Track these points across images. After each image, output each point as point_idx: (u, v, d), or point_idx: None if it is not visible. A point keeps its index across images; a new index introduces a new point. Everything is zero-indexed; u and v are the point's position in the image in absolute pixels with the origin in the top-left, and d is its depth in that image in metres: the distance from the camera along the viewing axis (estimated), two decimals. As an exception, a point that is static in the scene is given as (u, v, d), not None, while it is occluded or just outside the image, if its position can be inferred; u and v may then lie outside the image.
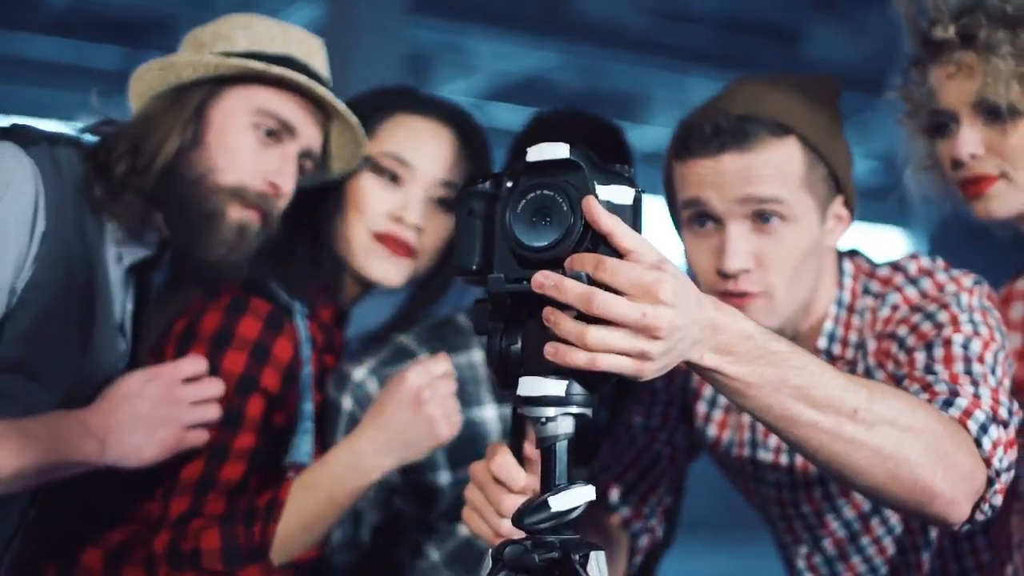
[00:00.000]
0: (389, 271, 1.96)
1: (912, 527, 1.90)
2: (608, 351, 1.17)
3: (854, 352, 1.83)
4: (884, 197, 2.49)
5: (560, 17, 6.59)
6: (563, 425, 1.25)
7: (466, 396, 1.96)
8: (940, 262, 1.83)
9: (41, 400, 1.65)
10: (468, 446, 1.93)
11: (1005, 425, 1.52)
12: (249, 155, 1.78)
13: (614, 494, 1.90)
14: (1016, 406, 1.61)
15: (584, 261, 1.18)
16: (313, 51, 1.87)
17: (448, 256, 2.05)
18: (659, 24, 6.92)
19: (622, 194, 1.24)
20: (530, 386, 1.24)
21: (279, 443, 1.82)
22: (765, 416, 1.32)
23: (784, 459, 1.90)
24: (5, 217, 1.59)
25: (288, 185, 1.80)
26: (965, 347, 1.67)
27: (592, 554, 1.25)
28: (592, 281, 1.18)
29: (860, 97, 7.36)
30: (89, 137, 1.78)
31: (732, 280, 1.68)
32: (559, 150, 1.23)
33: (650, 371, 1.19)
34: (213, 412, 1.72)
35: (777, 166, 1.70)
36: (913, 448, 1.38)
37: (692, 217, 1.70)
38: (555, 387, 1.23)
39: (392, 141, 1.96)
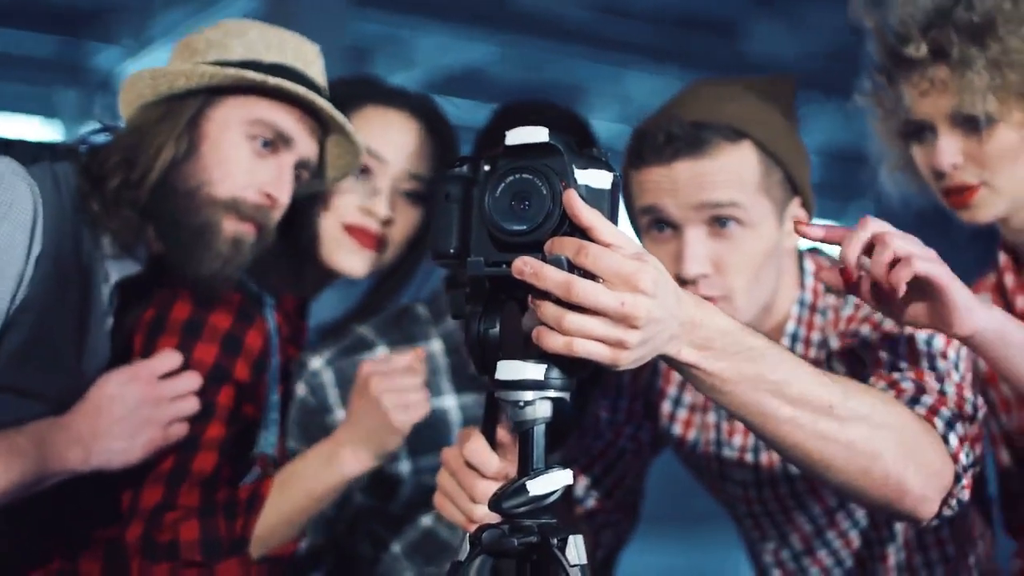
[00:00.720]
0: (356, 263, 1.96)
1: (877, 521, 1.91)
2: (585, 337, 1.17)
3: (817, 351, 1.84)
4: (824, 192, 2.52)
5: (500, 10, 6.59)
6: (540, 409, 1.25)
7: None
8: None
9: (33, 414, 1.62)
10: (428, 435, 1.92)
11: (970, 421, 1.54)
12: (244, 167, 1.74)
13: (579, 486, 1.90)
14: (981, 400, 1.64)
15: (565, 245, 1.18)
16: (310, 59, 1.84)
17: (413, 247, 2.07)
18: (598, 18, 6.94)
19: (600, 178, 1.24)
20: (508, 370, 1.23)
21: (249, 434, 1.81)
22: (741, 412, 1.32)
23: (749, 457, 1.91)
24: (4, 240, 1.56)
25: (285, 197, 1.77)
26: (928, 344, 1.67)
27: (571, 538, 1.25)
28: (572, 266, 1.18)
29: (798, 92, 7.40)
30: (84, 147, 1.74)
31: (691, 285, 1.67)
32: (538, 134, 1.22)
33: (626, 360, 1.19)
34: (193, 405, 1.70)
35: (732, 171, 1.70)
36: (886, 444, 1.39)
37: (650, 224, 1.70)
38: (533, 371, 1.22)
39: (362, 133, 1.93)
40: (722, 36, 7.20)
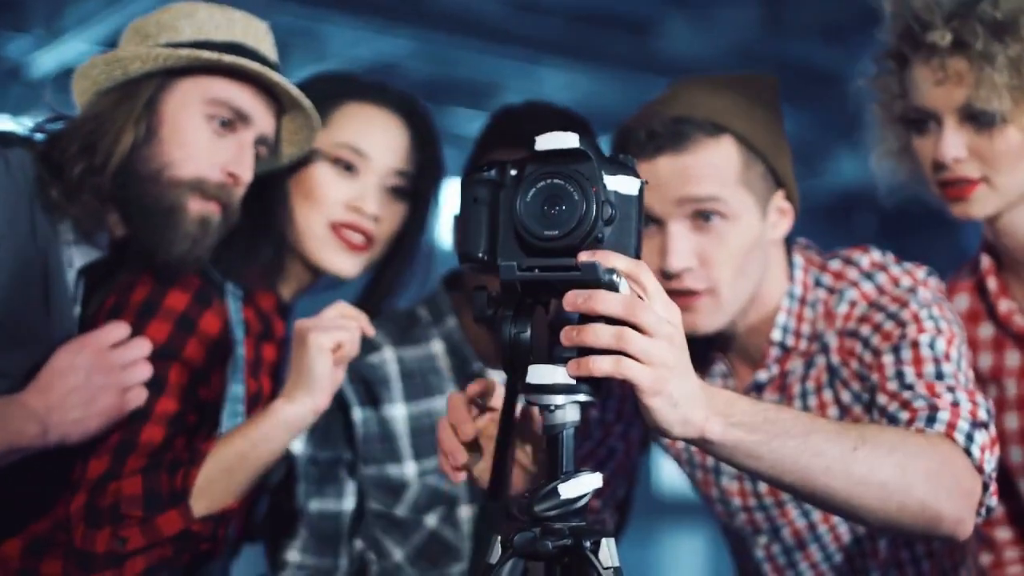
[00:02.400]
0: (345, 262, 1.98)
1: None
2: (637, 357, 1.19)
3: (807, 344, 1.86)
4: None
5: (413, 4, 6.57)
6: (571, 413, 1.26)
7: (427, 386, 2.02)
8: (890, 255, 1.88)
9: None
10: (431, 437, 1.98)
11: (986, 426, 1.56)
12: (205, 146, 1.76)
13: None
14: (990, 401, 1.66)
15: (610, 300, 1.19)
16: (260, 36, 1.84)
17: (400, 244, 2.09)
18: (511, 14, 6.96)
19: (629, 184, 1.26)
20: (540, 374, 1.25)
21: (204, 420, 1.80)
22: (779, 475, 1.32)
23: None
24: None
25: (247, 174, 1.78)
26: (931, 346, 1.69)
27: (603, 541, 1.26)
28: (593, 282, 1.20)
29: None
30: (40, 135, 1.75)
31: (676, 279, 1.71)
32: (569, 139, 1.24)
33: (664, 389, 1.21)
34: (146, 371, 1.69)
35: (713, 165, 1.73)
36: (916, 477, 1.40)
37: None
38: (564, 375, 1.23)
39: (346, 130, 1.96)
40: (635, 34, 7.25)
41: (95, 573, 1.63)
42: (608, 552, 1.27)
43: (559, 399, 1.25)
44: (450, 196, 2.16)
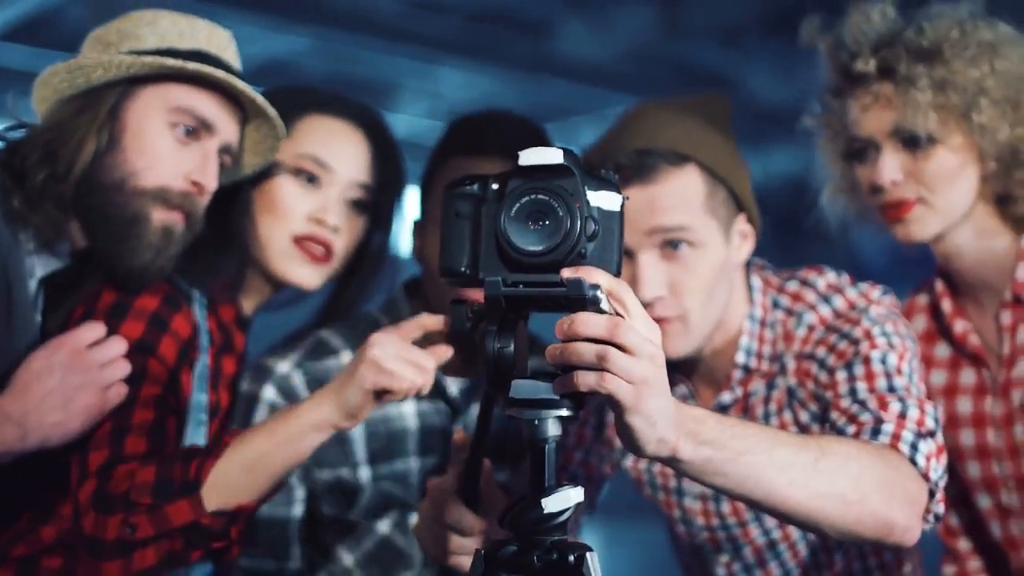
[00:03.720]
0: (307, 274, 1.97)
1: (829, 547, 1.99)
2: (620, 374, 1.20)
3: (769, 364, 1.90)
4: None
5: (310, 2, 6.50)
6: (553, 427, 1.28)
7: None
8: (845, 276, 1.94)
9: None
10: (386, 442, 1.99)
11: (932, 435, 1.61)
12: (169, 155, 1.73)
13: None
14: (940, 411, 1.71)
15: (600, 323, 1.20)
16: (224, 44, 1.83)
17: (361, 256, 2.10)
18: (409, 12, 6.93)
19: (611, 200, 1.27)
20: (524, 389, 1.26)
21: (168, 432, 1.76)
22: (744, 490, 1.35)
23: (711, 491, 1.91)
24: None
25: (211, 183, 1.76)
26: (883, 361, 1.74)
27: (587, 555, 1.27)
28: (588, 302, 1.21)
29: (605, 93, 7.58)
30: (0, 143, 1.73)
31: (648, 308, 1.71)
32: (553, 155, 1.24)
33: (643, 406, 1.22)
34: (125, 368, 1.66)
35: (680, 195, 1.77)
36: (870, 487, 1.45)
37: None
38: (548, 390, 1.25)
39: (309, 142, 1.95)
40: (533, 34, 7.28)
41: (105, 561, 1.59)
42: (592, 566, 1.28)
43: (542, 413, 1.26)
44: (410, 205, 2.16)
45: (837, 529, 1.44)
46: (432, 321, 1.67)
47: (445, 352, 1.67)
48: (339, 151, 2.00)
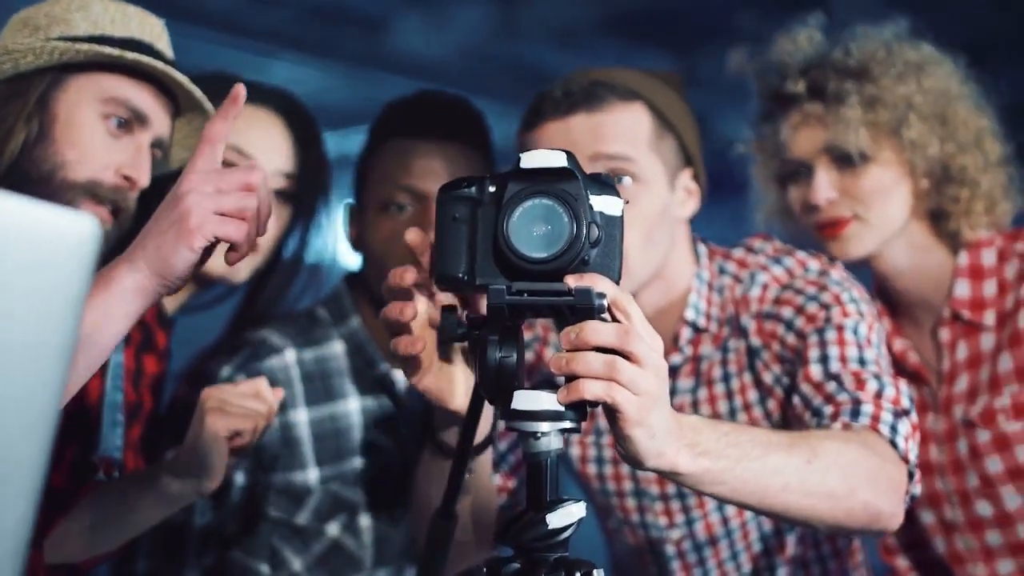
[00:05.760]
0: (236, 268, 1.93)
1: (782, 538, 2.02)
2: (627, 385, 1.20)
3: (718, 327, 1.92)
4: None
5: (141, -7, 6.33)
6: (555, 440, 1.24)
7: (328, 390, 1.98)
8: (790, 245, 1.99)
9: None
10: (333, 441, 1.96)
11: (907, 413, 1.65)
12: (100, 147, 1.68)
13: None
14: (912, 390, 1.76)
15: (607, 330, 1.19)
16: (157, 32, 1.80)
17: (284, 250, 2.09)
18: (243, 5, 6.83)
19: (613, 205, 1.25)
20: (526, 400, 1.22)
21: (83, 428, 1.75)
22: (741, 496, 1.36)
23: (675, 504, 1.98)
24: None
25: (144, 177, 1.71)
26: (855, 331, 1.76)
27: (595, 572, 1.25)
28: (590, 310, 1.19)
29: (438, 89, 7.56)
30: None
31: None
32: (556, 158, 1.21)
33: (645, 419, 1.22)
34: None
35: (625, 126, 1.81)
36: (857, 480, 1.47)
37: None
38: (551, 401, 1.22)
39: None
40: (368, 30, 7.26)
41: None
42: None
43: (544, 426, 1.23)
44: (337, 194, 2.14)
45: (827, 524, 1.46)
46: (267, 392, 1.65)
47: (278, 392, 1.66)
48: (259, 140, 1.98)
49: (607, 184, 1.25)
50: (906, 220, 2.07)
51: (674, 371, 1.96)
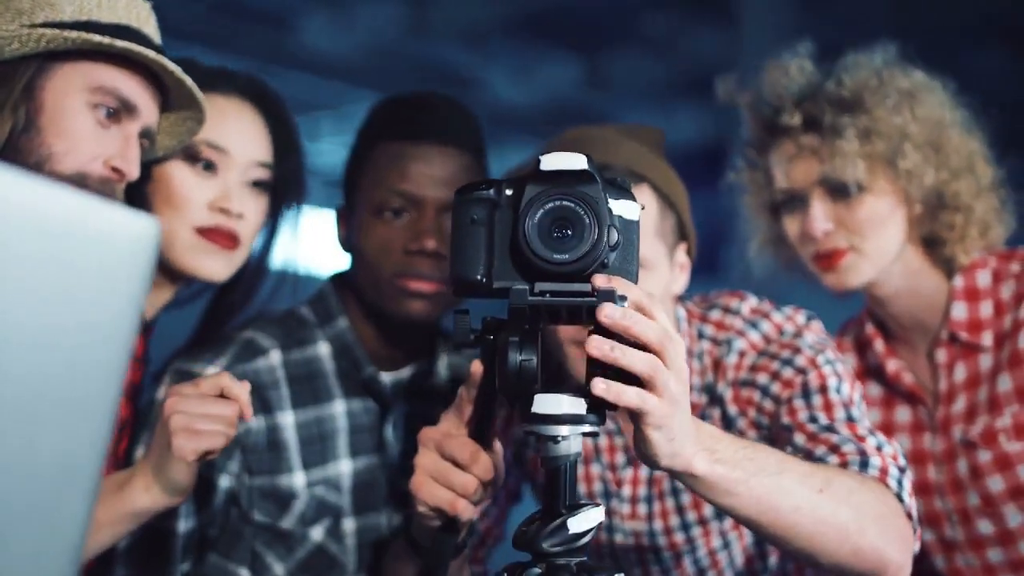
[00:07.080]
0: (217, 266, 1.89)
1: (752, 556, 1.99)
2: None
3: (699, 396, 1.87)
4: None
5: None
6: (575, 444, 1.24)
7: (314, 392, 1.94)
8: (767, 301, 1.94)
9: None
10: (318, 444, 1.93)
11: (904, 470, 1.61)
12: (89, 138, 1.63)
13: None
14: (908, 411, 1.75)
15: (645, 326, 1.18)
16: (144, 17, 1.73)
17: (261, 241, 2.02)
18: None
19: (630, 209, 1.26)
20: (547, 403, 1.20)
21: None
22: (752, 512, 1.34)
23: (642, 509, 1.93)
24: None
25: (133, 169, 1.67)
26: (838, 391, 1.74)
27: None
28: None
29: (347, 88, 7.66)
30: None
31: None
32: (576, 161, 1.20)
33: (668, 423, 1.21)
34: None
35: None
36: (867, 522, 1.44)
37: None
38: (573, 405, 1.21)
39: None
40: (275, 27, 7.23)
41: None
42: None
43: (564, 430, 1.22)
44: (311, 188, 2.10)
45: (835, 560, 1.42)
46: (234, 388, 1.57)
47: (247, 411, 1.58)
48: (234, 132, 1.90)
49: (624, 189, 1.25)
50: (901, 247, 2.05)
51: None
